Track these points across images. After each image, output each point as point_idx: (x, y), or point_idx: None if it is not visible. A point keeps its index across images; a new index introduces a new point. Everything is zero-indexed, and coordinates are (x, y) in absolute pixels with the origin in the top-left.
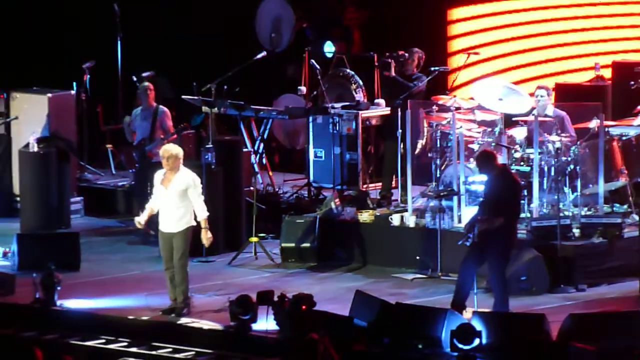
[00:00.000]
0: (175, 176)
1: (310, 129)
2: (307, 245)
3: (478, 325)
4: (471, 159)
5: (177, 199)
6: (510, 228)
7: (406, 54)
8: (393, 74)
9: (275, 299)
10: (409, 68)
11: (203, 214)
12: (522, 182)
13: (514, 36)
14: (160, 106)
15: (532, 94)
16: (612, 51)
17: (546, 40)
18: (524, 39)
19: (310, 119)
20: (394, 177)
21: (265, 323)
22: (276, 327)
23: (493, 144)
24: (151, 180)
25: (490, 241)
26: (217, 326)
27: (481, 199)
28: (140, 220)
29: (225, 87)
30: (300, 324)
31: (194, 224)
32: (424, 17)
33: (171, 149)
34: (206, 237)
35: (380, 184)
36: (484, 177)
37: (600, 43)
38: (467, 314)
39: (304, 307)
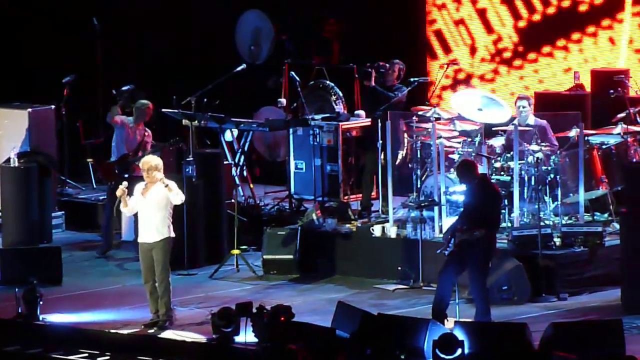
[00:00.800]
0: (154, 186)
1: (291, 141)
2: (288, 257)
3: (460, 335)
4: (452, 169)
5: (154, 208)
6: (490, 238)
7: (387, 65)
8: (373, 83)
9: (254, 310)
10: (389, 79)
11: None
12: (503, 192)
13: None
14: (147, 128)
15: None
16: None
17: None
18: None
19: (291, 130)
20: (374, 188)
21: (244, 335)
22: (255, 339)
23: (473, 154)
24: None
25: (469, 251)
26: (199, 339)
27: (461, 209)
28: (123, 187)
29: (205, 100)
30: (278, 335)
31: (173, 235)
32: (404, 29)
33: (150, 161)
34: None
35: (361, 195)
36: (464, 187)
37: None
38: (449, 324)
39: (282, 318)
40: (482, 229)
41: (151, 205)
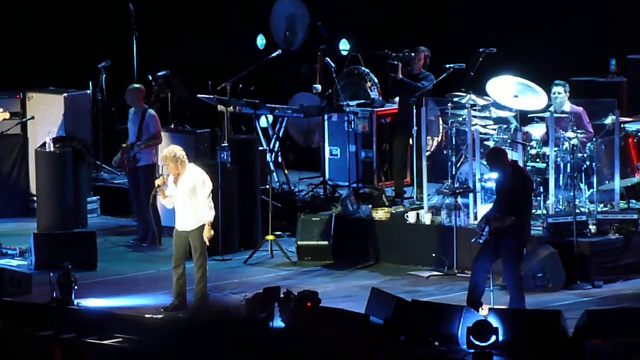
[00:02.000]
0: (184, 175)
1: (326, 127)
2: (322, 243)
3: (494, 322)
4: None
5: (187, 197)
6: (523, 224)
7: (412, 53)
8: (400, 75)
9: (282, 295)
10: (415, 67)
11: (208, 216)
12: (538, 179)
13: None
14: (149, 110)
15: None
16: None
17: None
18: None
19: (325, 117)
20: (407, 174)
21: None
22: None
23: (508, 140)
24: (143, 184)
25: (502, 238)
26: None
27: (495, 197)
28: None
29: (241, 85)
30: (303, 320)
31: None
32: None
33: (166, 153)
34: (207, 235)
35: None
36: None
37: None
38: (484, 311)
39: (309, 304)
40: (513, 215)
41: (183, 194)
